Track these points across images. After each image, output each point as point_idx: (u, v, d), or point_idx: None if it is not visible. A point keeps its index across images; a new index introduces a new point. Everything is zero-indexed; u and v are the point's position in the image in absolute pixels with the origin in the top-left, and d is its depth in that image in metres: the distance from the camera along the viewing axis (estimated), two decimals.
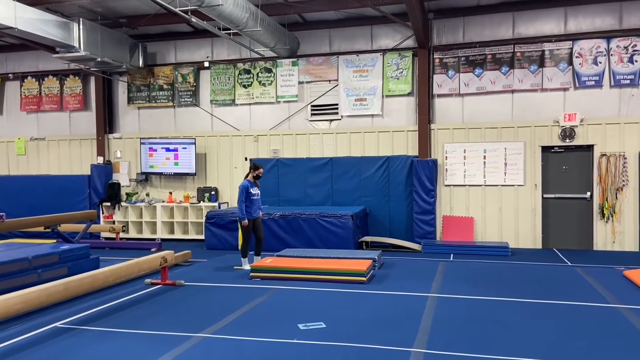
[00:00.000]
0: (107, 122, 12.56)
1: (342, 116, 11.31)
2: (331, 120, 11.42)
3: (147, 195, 12.31)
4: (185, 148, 11.83)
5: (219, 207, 11.42)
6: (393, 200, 10.91)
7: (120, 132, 12.68)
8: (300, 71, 11.46)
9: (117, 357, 4.41)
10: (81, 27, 10.04)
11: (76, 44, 10.04)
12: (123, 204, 12.12)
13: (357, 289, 6.76)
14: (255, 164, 8.50)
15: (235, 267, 8.27)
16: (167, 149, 11.95)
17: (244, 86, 11.78)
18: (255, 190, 8.25)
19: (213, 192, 11.71)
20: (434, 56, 10.66)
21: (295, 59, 11.47)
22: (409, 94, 10.90)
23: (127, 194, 12.39)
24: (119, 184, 12.30)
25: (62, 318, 5.52)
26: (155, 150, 12.03)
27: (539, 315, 5.58)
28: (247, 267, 8.02)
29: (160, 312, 5.76)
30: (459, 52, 10.54)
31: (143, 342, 4.76)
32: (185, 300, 6.30)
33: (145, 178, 12.37)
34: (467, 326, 5.19)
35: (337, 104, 11.31)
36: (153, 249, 9.84)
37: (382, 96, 11.03)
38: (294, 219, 10.03)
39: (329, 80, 11.34)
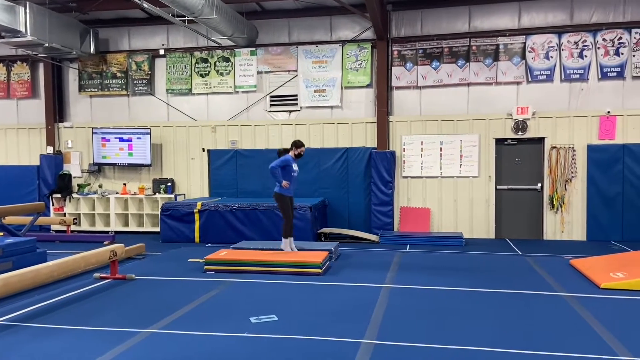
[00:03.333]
0: (57, 111, 12.09)
1: (301, 107, 11.24)
2: (290, 111, 11.33)
3: (100, 186, 11.93)
4: (140, 138, 11.50)
5: (176, 199, 11.19)
6: (352, 191, 10.95)
7: (71, 121, 12.22)
8: (259, 61, 11.30)
9: (57, 354, 4.24)
10: (28, 10, 9.57)
11: (22, 29, 9.57)
12: (74, 195, 11.71)
13: (313, 281, 6.74)
14: (297, 141, 7.89)
15: (190, 260, 8.11)
16: (121, 139, 11.60)
17: (201, 75, 11.53)
18: (295, 167, 7.85)
19: (169, 184, 11.46)
20: (393, 48, 10.70)
21: (253, 49, 11.29)
22: (367, 86, 10.91)
23: (78, 185, 11.98)
24: (69, 175, 11.87)
25: (2, 315, 5.27)
26: (109, 140, 11.66)
27: (488, 304, 5.70)
28: (288, 249, 7.75)
29: (107, 308, 5.58)
30: (417, 44, 10.62)
31: (86, 338, 4.60)
32: (134, 294, 6.14)
33: (97, 169, 11.99)
34: (418, 316, 5.25)
35: (296, 95, 11.22)
36: (106, 242, 9.55)
37: (342, 87, 11.02)
38: (252, 211, 9.93)
39: (288, 71, 11.23)
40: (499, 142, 10.46)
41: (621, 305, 5.60)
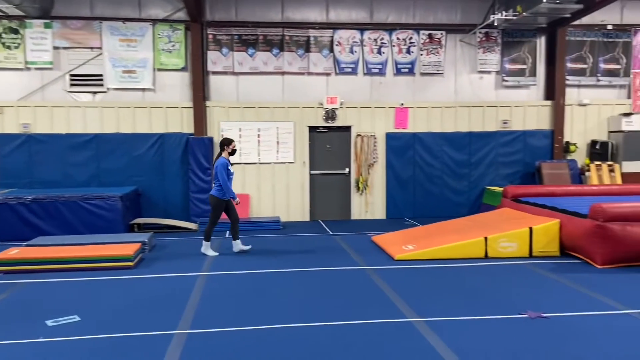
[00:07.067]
0: None
1: (108, 88, 10.36)
2: (95, 92, 10.37)
3: None
4: None
5: None
6: (168, 179, 10.53)
7: None
8: (55, 35, 10.07)
9: None
10: None
11: None
12: None
13: (123, 275, 6.34)
14: (226, 139, 7.63)
15: None
16: None
17: None
18: (232, 169, 7.62)
19: None
20: (208, 32, 10.49)
21: (48, 21, 10.02)
22: (182, 69, 10.54)
23: None
24: None
25: None
26: None
27: (300, 282, 6.02)
28: (210, 253, 7.52)
29: None
30: (233, 30, 10.58)
31: None
32: None
33: None
34: (234, 301, 5.30)
35: (101, 75, 10.30)
36: None
37: (154, 69, 10.45)
38: (51, 203, 8.88)
39: (92, 48, 10.24)
40: (312, 129, 11.04)
41: (410, 273, 6.41)
